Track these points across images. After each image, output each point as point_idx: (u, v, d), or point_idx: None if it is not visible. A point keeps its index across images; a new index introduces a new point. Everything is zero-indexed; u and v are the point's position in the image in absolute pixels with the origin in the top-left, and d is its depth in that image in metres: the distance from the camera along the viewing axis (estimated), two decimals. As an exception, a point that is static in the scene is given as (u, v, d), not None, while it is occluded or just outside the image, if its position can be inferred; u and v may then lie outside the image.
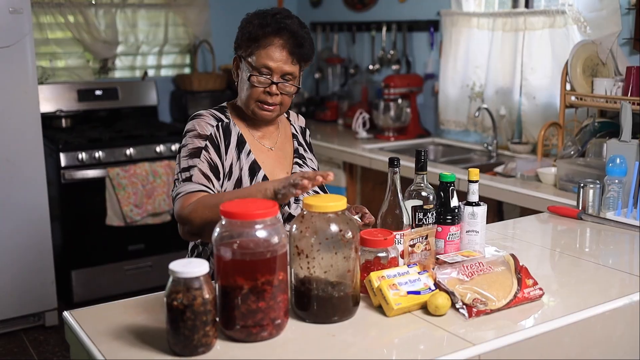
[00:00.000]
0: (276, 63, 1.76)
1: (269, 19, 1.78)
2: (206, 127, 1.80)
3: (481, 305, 1.43)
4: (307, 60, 1.84)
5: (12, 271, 3.37)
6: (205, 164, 1.76)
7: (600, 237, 2.08)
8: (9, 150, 3.28)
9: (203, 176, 1.74)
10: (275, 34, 1.76)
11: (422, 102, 4.07)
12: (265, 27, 1.77)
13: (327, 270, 1.36)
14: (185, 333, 1.23)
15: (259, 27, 1.77)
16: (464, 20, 3.63)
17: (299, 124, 2.04)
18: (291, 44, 1.77)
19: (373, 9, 4.34)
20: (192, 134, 1.80)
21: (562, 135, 2.96)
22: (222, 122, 1.83)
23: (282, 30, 1.76)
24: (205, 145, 1.77)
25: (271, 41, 1.77)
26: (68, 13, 4.10)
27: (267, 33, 1.76)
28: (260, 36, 1.77)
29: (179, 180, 1.76)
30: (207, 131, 1.79)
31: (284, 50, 1.77)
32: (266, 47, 1.76)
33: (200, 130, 1.79)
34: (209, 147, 1.78)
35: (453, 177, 1.70)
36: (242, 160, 1.82)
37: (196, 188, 1.72)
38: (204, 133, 1.79)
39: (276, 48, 1.77)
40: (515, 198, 2.69)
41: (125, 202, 3.70)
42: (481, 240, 1.73)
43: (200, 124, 1.81)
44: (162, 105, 4.57)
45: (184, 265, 1.24)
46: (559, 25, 3.14)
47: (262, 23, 1.78)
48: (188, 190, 1.71)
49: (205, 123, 1.81)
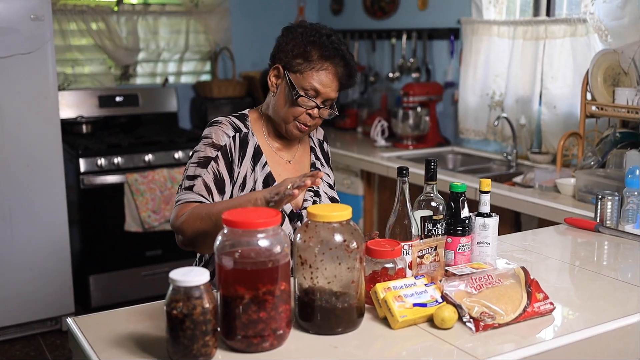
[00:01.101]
0: (325, 89, 1.74)
1: (325, 40, 1.74)
2: (222, 136, 1.78)
3: (489, 319, 1.39)
4: (349, 87, 1.83)
5: (30, 275, 3.41)
6: (210, 175, 1.75)
7: (618, 250, 2.03)
8: (29, 155, 3.32)
9: (205, 188, 1.74)
10: (331, 60, 1.73)
11: (442, 110, 4.03)
12: (322, 49, 1.73)
13: (330, 281, 1.34)
14: (185, 342, 1.22)
15: (314, 47, 1.73)
16: (484, 29, 3.59)
17: (317, 136, 2.02)
18: (343, 73, 1.75)
19: (393, 17, 4.32)
20: (206, 142, 1.79)
21: (582, 146, 2.91)
22: (241, 133, 1.81)
23: (339, 57, 1.74)
24: (216, 156, 1.76)
25: (326, 66, 1.73)
26: (90, 20, 4.14)
27: (324, 57, 1.73)
28: (315, 58, 1.73)
29: (182, 187, 1.76)
30: (222, 142, 1.78)
31: (336, 78, 1.74)
32: (319, 70, 1.73)
33: (215, 139, 1.78)
34: (219, 159, 1.76)
35: (464, 187, 1.67)
36: (257, 172, 1.80)
37: (194, 198, 1.71)
38: (218, 143, 1.77)
39: (329, 74, 1.73)
40: (533, 209, 2.64)
41: (144, 208, 3.71)
42: (492, 252, 1.69)
43: (217, 132, 1.79)
44: (182, 111, 4.59)
45: (184, 274, 1.23)
46: (581, 33, 3.09)
47: (319, 43, 1.73)
48: (185, 200, 1.71)
49: (223, 132, 1.79)
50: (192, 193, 1.72)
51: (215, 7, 4.50)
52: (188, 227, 1.62)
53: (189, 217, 1.63)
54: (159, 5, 4.38)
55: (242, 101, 4.47)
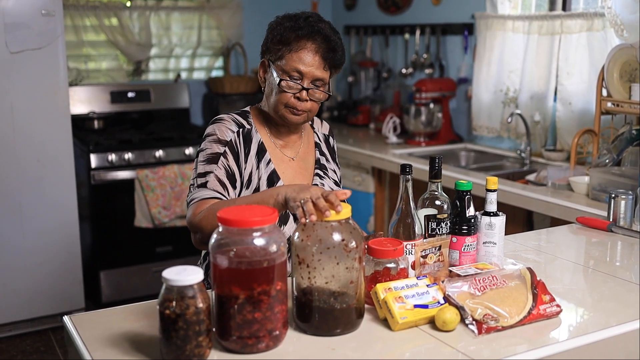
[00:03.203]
0: (308, 67, 1.70)
1: (301, 22, 1.73)
2: (226, 132, 1.76)
3: (492, 321, 1.35)
4: (338, 66, 1.78)
5: (41, 271, 3.41)
6: (222, 170, 1.72)
7: (631, 251, 1.97)
8: (39, 151, 3.32)
9: (219, 183, 1.70)
10: (308, 38, 1.71)
11: (455, 106, 3.98)
12: (298, 30, 1.71)
13: (328, 281, 1.31)
14: (177, 343, 1.19)
15: (291, 30, 1.72)
16: (498, 24, 3.53)
17: (322, 131, 1.98)
18: (324, 48, 1.71)
19: (407, 12, 4.26)
20: (211, 139, 1.76)
21: (597, 143, 2.84)
22: (244, 129, 1.79)
23: (316, 33, 1.71)
24: (224, 151, 1.74)
25: (304, 44, 1.71)
26: (103, 16, 4.14)
27: (300, 36, 1.71)
28: (292, 39, 1.71)
29: (194, 186, 1.72)
30: (227, 137, 1.75)
31: (317, 55, 1.71)
32: (298, 50, 1.71)
33: (220, 135, 1.75)
34: (227, 154, 1.74)
35: (470, 185, 1.62)
36: (262, 169, 1.78)
37: (210, 195, 1.68)
38: (223, 138, 1.75)
39: (308, 52, 1.71)
40: (546, 207, 2.58)
41: (154, 204, 3.70)
42: (499, 252, 1.65)
43: (221, 128, 1.77)
44: (194, 107, 4.58)
45: (177, 272, 1.20)
46: (597, 28, 3.02)
47: (294, 26, 1.72)
48: (201, 197, 1.68)
49: (226, 128, 1.77)
50: (207, 190, 1.69)
51: (228, 2, 4.48)
52: (207, 225, 1.57)
53: (208, 214, 1.59)
54: (171, 1, 4.37)
55: (254, 97, 4.45)
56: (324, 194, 1.35)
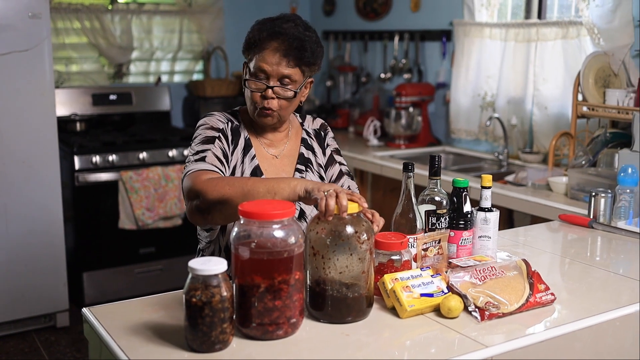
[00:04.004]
0: (271, 66, 1.74)
1: (267, 24, 1.77)
2: (217, 122, 1.83)
3: (493, 308, 1.45)
4: (309, 64, 1.78)
5: (24, 272, 3.41)
6: (218, 149, 1.76)
7: (611, 245, 2.10)
8: (25, 152, 3.32)
9: (216, 159, 1.74)
10: (270, 38, 1.75)
11: (434, 110, 4.09)
12: (263, 31, 1.76)
13: (342, 271, 1.39)
14: (204, 329, 1.25)
15: (257, 32, 1.77)
16: (476, 31, 3.65)
17: (312, 127, 2.00)
18: (286, 46, 1.74)
19: (386, 18, 4.37)
20: (204, 127, 1.81)
21: (573, 145, 2.98)
22: (232, 123, 1.85)
23: (277, 33, 1.74)
24: (218, 135, 1.79)
25: (267, 44, 1.75)
26: (84, 18, 4.15)
27: (263, 37, 1.75)
28: (257, 41, 1.76)
29: (190, 162, 1.73)
30: (219, 125, 1.82)
31: (278, 53, 1.74)
32: (262, 50, 1.75)
33: (212, 124, 1.82)
34: (221, 138, 1.79)
35: (466, 182, 1.72)
36: (246, 163, 1.83)
37: (209, 167, 1.70)
38: (216, 126, 1.81)
39: (270, 51, 1.74)
40: (526, 206, 2.70)
41: (138, 206, 3.73)
42: (493, 246, 1.75)
43: (212, 120, 1.83)
44: (175, 110, 4.61)
45: (202, 263, 1.27)
46: (572, 36, 3.17)
47: (260, 28, 1.77)
48: (202, 168, 1.69)
49: (217, 119, 1.84)
50: (205, 163, 1.70)
51: (209, 7, 4.53)
52: (213, 190, 1.57)
53: (216, 180, 1.60)
54: (152, 4, 4.40)
55: (234, 100, 4.50)
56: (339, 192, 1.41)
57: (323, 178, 1.94)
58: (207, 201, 1.60)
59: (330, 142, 2.01)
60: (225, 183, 1.58)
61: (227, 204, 1.55)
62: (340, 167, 1.97)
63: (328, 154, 1.98)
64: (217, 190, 1.57)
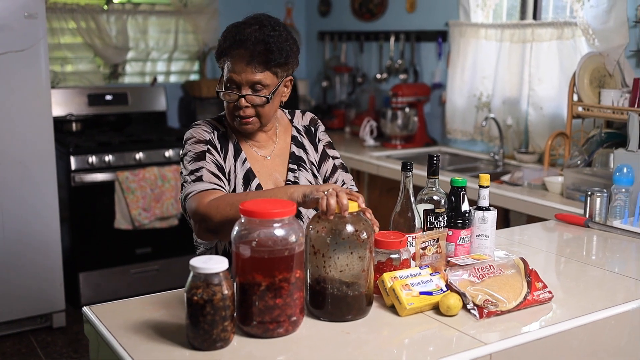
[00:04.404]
0: (239, 75, 1.71)
1: (232, 31, 1.74)
2: (203, 133, 1.80)
3: (492, 306, 1.46)
4: (278, 64, 1.73)
5: (21, 272, 3.40)
6: (212, 164, 1.76)
7: (607, 244, 2.11)
8: (21, 152, 3.32)
9: (213, 176, 1.73)
10: (234, 47, 1.71)
11: (429, 111, 4.11)
12: (227, 39, 1.73)
13: (342, 270, 1.40)
14: (205, 327, 1.26)
15: (222, 41, 1.74)
16: (472, 31, 3.67)
17: (302, 123, 1.97)
18: (250, 52, 1.69)
19: (381, 19, 4.39)
20: (191, 141, 1.79)
21: (568, 145, 2.99)
22: (219, 131, 1.83)
23: (239, 42, 1.70)
24: (207, 148, 1.78)
25: (232, 53, 1.71)
26: (80, 18, 4.15)
27: (227, 46, 1.72)
28: (223, 50, 1.74)
29: (187, 182, 1.73)
30: (206, 137, 1.79)
31: (242, 61, 1.70)
32: (231, 59, 1.72)
33: (198, 136, 1.79)
34: (211, 150, 1.78)
35: (464, 182, 1.73)
36: (238, 167, 1.81)
37: (209, 187, 1.70)
38: (203, 138, 1.79)
39: (240, 58, 1.70)
40: (522, 206, 2.72)
41: (134, 206, 3.73)
42: (491, 245, 1.76)
43: (198, 131, 1.81)
44: (170, 110, 4.61)
45: (204, 261, 1.28)
46: (567, 36, 3.18)
47: (225, 36, 1.75)
48: (202, 189, 1.69)
49: (202, 130, 1.81)
50: (204, 183, 1.71)
51: (204, 7, 4.53)
52: (217, 213, 1.60)
53: (218, 203, 1.61)
54: (148, 4, 4.40)
55: (230, 101, 4.50)
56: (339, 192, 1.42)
57: (317, 176, 1.93)
58: (214, 224, 1.62)
59: (322, 136, 1.99)
60: (226, 204, 1.60)
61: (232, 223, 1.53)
62: (334, 161, 1.96)
63: (320, 150, 1.96)
64: (219, 213, 1.60)
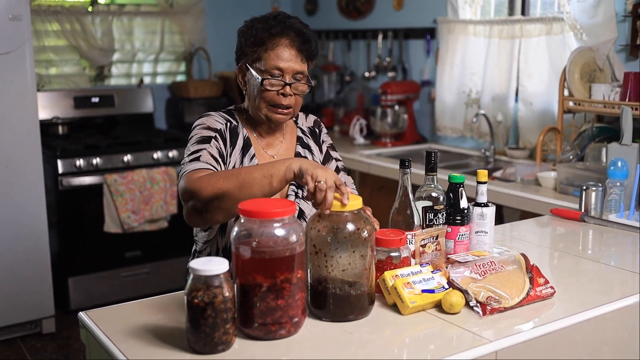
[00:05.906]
0: (287, 63, 1.74)
1: (272, 21, 1.77)
2: (215, 123, 1.80)
3: (495, 303, 1.44)
4: (313, 57, 1.82)
5: (9, 278, 3.35)
6: (214, 149, 1.74)
7: (602, 238, 2.11)
8: (7, 156, 3.27)
9: (211, 157, 1.71)
10: (281, 35, 1.75)
11: (419, 108, 4.10)
12: (270, 28, 1.75)
13: (344, 269, 1.37)
14: (206, 331, 1.23)
15: (264, 30, 1.76)
16: (460, 28, 3.66)
17: (307, 125, 1.99)
18: (298, 41, 1.76)
19: (369, 17, 4.37)
20: (201, 127, 1.79)
21: (560, 140, 2.99)
22: (230, 124, 1.83)
23: (288, 29, 1.75)
24: (215, 135, 1.77)
25: (278, 41, 1.75)
26: (65, 20, 4.10)
27: (273, 34, 1.75)
28: (266, 38, 1.75)
29: (186, 162, 1.71)
30: (217, 126, 1.79)
31: (293, 49, 1.75)
32: (274, 48, 1.75)
33: (209, 124, 1.79)
34: (218, 139, 1.77)
35: (462, 178, 1.72)
36: (245, 163, 1.81)
37: (204, 166, 1.67)
38: (213, 126, 1.79)
39: (284, 48, 1.75)
40: (516, 202, 2.71)
41: (123, 209, 3.69)
42: (490, 241, 1.75)
43: (210, 120, 1.81)
44: (158, 112, 4.56)
45: (204, 263, 1.25)
46: (556, 32, 3.19)
47: (265, 26, 1.76)
48: (196, 167, 1.66)
49: (214, 120, 1.81)
50: (200, 162, 1.68)
51: (191, 7, 4.49)
52: (208, 186, 1.54)
53: (209, 176, 1.57)
54: (133, 5, 4.36)
55: (218, 101, 4.47)
56: (337, 182, 1.41)
57: None
58: (203, 199, 1.56)
59: (325, 138, 2.01)
60: (218, 177, 1.56)
61: (224, 198, 1.52)
62: (337, 163, 1.97)
63: (324, 151, 1.98)
64: (211, 185, 1.54)
